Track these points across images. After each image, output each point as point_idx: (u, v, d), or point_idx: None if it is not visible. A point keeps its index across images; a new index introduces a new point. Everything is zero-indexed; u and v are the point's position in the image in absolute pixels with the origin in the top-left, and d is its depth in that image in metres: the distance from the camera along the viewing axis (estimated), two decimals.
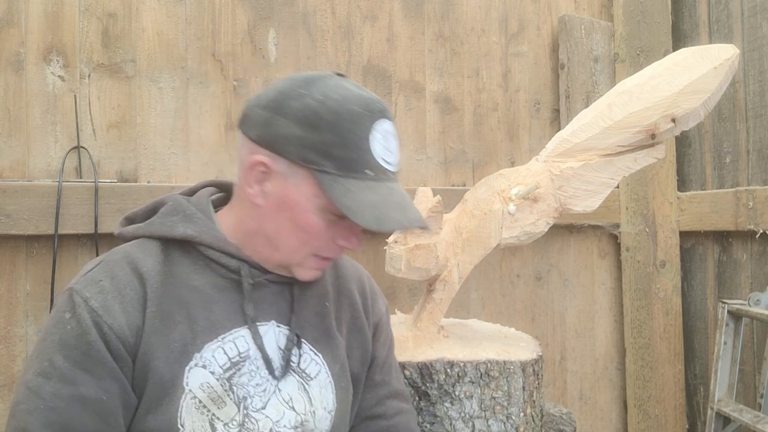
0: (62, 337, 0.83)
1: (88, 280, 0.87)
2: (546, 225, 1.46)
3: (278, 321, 0.96)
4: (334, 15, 1.88)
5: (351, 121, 0.87)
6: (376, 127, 0.88)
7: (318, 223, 0.90)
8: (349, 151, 0.86)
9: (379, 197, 0.87)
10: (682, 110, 1.38)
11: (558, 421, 1.53)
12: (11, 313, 1.49)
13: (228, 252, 0.94)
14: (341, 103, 0.87)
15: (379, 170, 0.88)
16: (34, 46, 1.53)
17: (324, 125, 0.86)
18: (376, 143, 0.88)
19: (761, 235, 1.97)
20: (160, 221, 0.96)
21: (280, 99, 0.88)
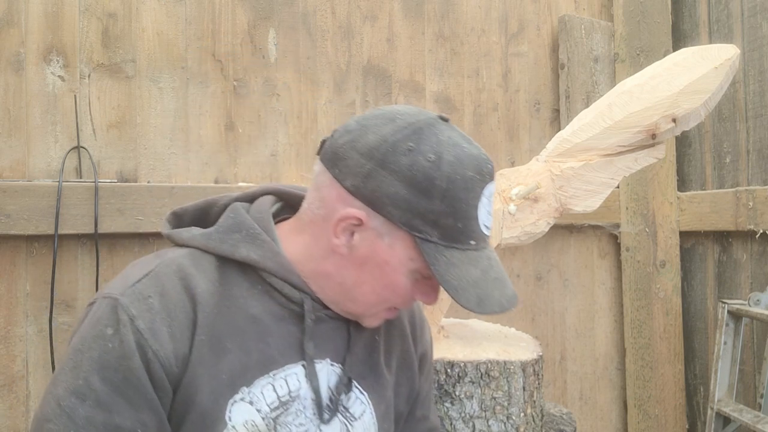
0: (102, 356, 0.76)
1: (136, 294, 0.79)
2: (546, 225, 1.46)
3: (333, 359, 0.89)
4: (334, 15, 1.88)
5: (465, 189, 0.79)
6: (485, 192, 0.82)
7: (406, 284, 0.84)
8: (458, 221, 0.79)
9: (480, 272, 0.81)
10: (682, 110, 1.38)
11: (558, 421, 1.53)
12: (11, 313, 1.49)
13: (292, 282, 0.86)
14: (455, 168, 0.79)
15: (481, 239, 0.83)
16: (34, 46, 1.53)
17: (436, 192, 0.77)
18: (482, 210, 0.81)
19: (761, 235, 1.97)
20: (220, 237, 0.86)
21: (385, 150, 0.79)
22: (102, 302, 0.80)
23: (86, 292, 1.55)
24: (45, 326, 1.50)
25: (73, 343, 0.79)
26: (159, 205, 1.56)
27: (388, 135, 0.79)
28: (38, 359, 1.51)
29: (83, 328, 0.79)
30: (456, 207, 0.79)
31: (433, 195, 0.78)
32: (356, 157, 0.80)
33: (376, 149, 0.79)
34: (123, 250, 1.59)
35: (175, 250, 0.87)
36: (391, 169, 0.78)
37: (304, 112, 1.83)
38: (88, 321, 0.79)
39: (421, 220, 0.78)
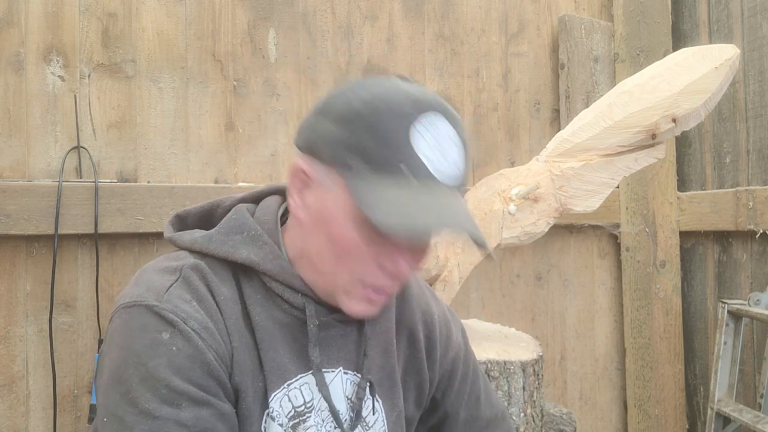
0: (171, 360, 0.73)
1: (175, 297, 0.77)
2: (546, 225, 1.46)
3: (346, 367, 0.86)
4: (334, 15, 1.88)
5: (389, 111, 0.73)
6: (422, 119, 0.73)
7: (354, 238, 0.76)
8: (383, 144, 0.73)
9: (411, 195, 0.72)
10: (682, 110, 1.38)
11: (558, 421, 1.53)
12: (11, 313, 1.49)
13: (293, 286, 0.82)
14: (382, 97, 0.74)
15: (421, 170, 0.73)
16: (34, 46, 1.53)
17: (359, 120, 0.74)
18: (419, 138, 0.73)
19: (761, 235, 1.97)
20: (221, 239, 0.83)
21: (327, 100, 0.79)
22: (134, 311, 0.76)
23: (86, 292, 1.55)
24: (45, 326, 1.50)
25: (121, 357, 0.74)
26: (159, 205, 1.56)
27: (338, 90, 0.80)
28: (38, 359, 1.51)
29: (124, 340, 0.75)
30: (379, 129, 0.73)
31: (356, 122, 0.74)
32: (308, 117, 0.81)
33: (322, 102, 0.80)
34: (123, 250, 1.59)
35: (189, 256, 0.84)
36: (327, 112, 0.77)
37: (304, 112, 1.83)
38: (126, 333, 0.75)
39: (347, 150, 0.74)
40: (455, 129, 0.76)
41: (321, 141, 0.76)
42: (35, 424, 1.50)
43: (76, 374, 1.54)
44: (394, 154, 0.73)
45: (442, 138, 0.75)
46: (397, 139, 0.73)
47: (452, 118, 0.77)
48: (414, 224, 0.71)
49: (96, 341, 1.54)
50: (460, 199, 0.78)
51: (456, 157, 0.76)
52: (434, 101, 0.76)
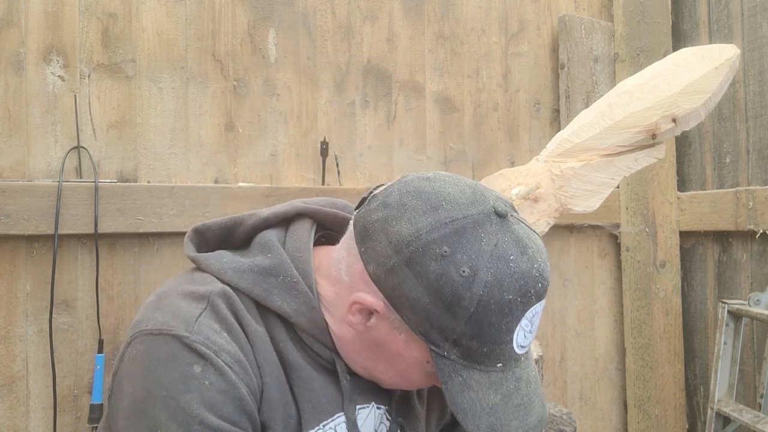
0: (203, 395, 0.70)
1: (206, 327, 0.73)
2: (546, 225, 1.46)
3: (378, 402, 0.84)
4: (334, 15, 1.88)
5: (499, 313, 0.68)
6: (527, 314, 0.70)
7: (421, 379, 0.76)
8: (484, 345, 0.69)
9: (501, 397, 0.71)
10: (682, 110, 1.38)
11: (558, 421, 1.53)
12: (11, 313, 1.49)
13: (322, 341, 0.80)
14: (492, 290, 0.67)
15: (512, 360, 0.72)
16: (34, 46, 1.53)
17: (462, 313, 0.67)
18: (520, 333, 0.70)
19: (761, 235, 1.97)
20: (254, 279, 0.79)
21: (415, 248, 0.68)
22: (163, 340, 0.73)
23: (86, 292, 1.55)
24: (45, 326, 1.50)
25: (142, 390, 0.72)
26: (159, 205, 1.56)
27: (423, 230, 0.69)
28: (38, 359, 1.51)
29: (149, 372, 0.72)
30: (484, 332, 0.68)
31: (458, 315, 0.67)
32: (384, 244, 0.70)
33: (406, 244, 0.69)
34: (123, 250, 1.59)
35: (215, 281, 0.79)
36: (417, 272, 0.68)
37: (304, 112, 1.83)
38: (152, 363, 0.72)
39: (441, 336, 0.69)
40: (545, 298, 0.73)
41: (408, 304, 0.69)
42: (35, 424, 1.50)
43: (76, 374, 1.54)
44: (495, 354, 0.70)
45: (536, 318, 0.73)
46: (502, 341, 0.70)
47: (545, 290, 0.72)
48: None
49: (96, 341, 1.54)
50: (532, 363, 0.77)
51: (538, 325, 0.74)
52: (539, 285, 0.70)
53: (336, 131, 1.87)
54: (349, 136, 1.89)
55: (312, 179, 1.82)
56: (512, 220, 0.72)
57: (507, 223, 0.71)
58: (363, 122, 1.91)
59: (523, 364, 0.75)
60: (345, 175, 1.88)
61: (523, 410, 0.73)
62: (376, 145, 1.93)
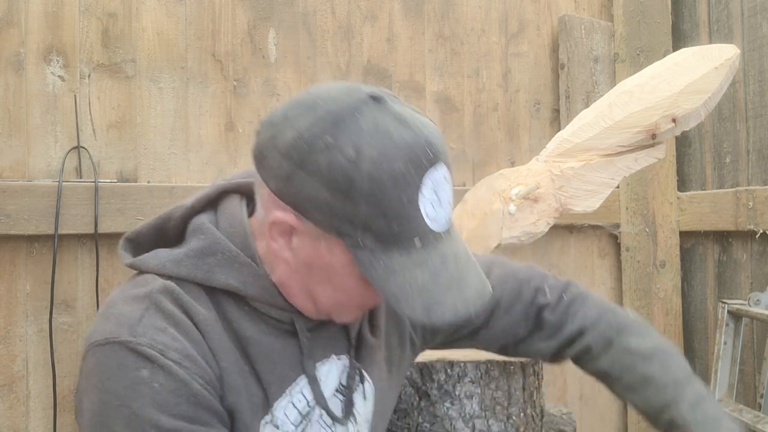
0: (155, 398, 0.70)
1: (150, 328, 0.73)
2: (546, 225, 1.46)
3: (337, 353, 0.86)
4: (334, 15, 1.88)
5: (394, 185, 0.68)
6: (425, 182, 0.70)
7: (359, 287, 0.75)
8: (392, 222, 0.69)
9: (429, 275, 0.71)
10: (682, 110, 1.38)
11: (558, 421, 1.53)
12: (11, 313, 1.49)
13: (277, 305, 0.80)
14: (379, 164, 0.67)
15: (429, 235, 0.71)
16: (34, 46, 1.53)
17: (358, 194, 0.67)
18: (425, 203, 0.70)
19: (761, 235, 1.97)
20: (193, 263, 0.78)
21: (302, 149, 0.69)
22: (110, 349, 0.72)
23: (86, 292, 1.55)
24: (45, 326, 1.50)
25: (103, 401, 0.71)
26: (159, 205, 1.55)
27: (305, 130, 0.70)
28: (38, 359, 1.51)
29: (103, 383, 0.72)
30: (386, 207, 0.68)
31: (356, 197, 0.68)
32: (277, 157, 0.71)
33: (292, 148, 0.70)
34: None
35: (157, 279, 0.78)
36: (310, 170, 0.69)
37: None
38: (103, 374, 0.72)
39: (350, 225, 0.69)
40: (447, 165, 0.73)
41: (312, 205, 0.70)
42: (35, 424, 1.50)
43: (76, 374, 1.54)
44: (406, 230, 0.70)
45: (441, 187, 0.72)
46: (408, 214, 0.69)
47: (444, 156, 0.73)
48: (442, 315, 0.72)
49: None
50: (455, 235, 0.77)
51: (449, 196, 0.74)
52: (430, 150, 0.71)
53: None
54: None
55: None
56: (390, 101, 0.73)
57: (384, 103, 0.72)
58: None
59: (445, 241, 0.74)
60: None
61: (456, 285, 0.73)
62: None
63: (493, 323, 1.00)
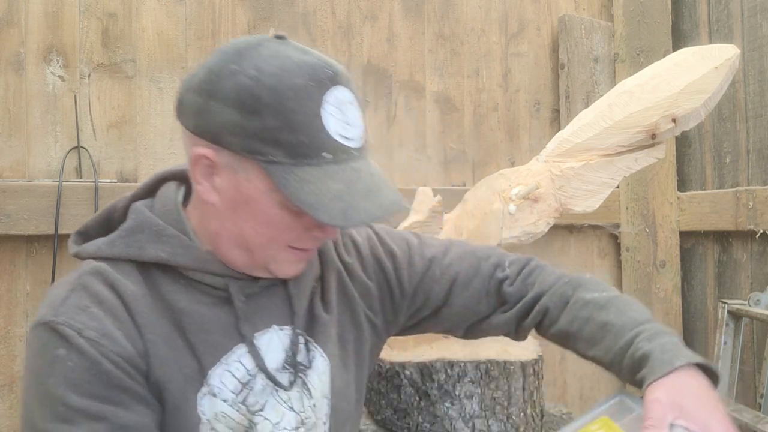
0: (67, 376, 0.72)
1: (72, 307, 0.75)
2: (546, 225, 1.46)
3: (278, 323, 0.87)
4: (334, 15, 1.88)
5: (295, 98, 0.73)
6: (327, 98, 0.75)
7: (283, 216, 0.78)
8: (298, 134, 0.73)
9: (343, 185, 0.75)
10: (682, 110, 1.38)
11: (558, 421, 1.53)
12: (11, 313, 1.49)
13: (211, 271, 0.82)
14: (280, 78, 0.73)
15: (339, 150, 0.75)
16: (34, 46, 1.53)
17: (266, 109, 0.73)
18: (329, 118, 0.75)
19: (761, 235, 1.97)
20: (124, 242, 0.82)
21: (211, 80, 0.75)
22: (36, 330, 0.75)
23: None
24: None
25: (27, 380, 0.75)
26: None
27: (213, 65, 0.76)
28: None
29: (30, 362, 0.76)
30: (291, 120, 0.73)
31: (263, 111, 0.72)
32: (191, 96, 0.77)
33: (204, 82, 0.76)
34: None
35: (91, 262, 0.81)
36: (220, 98, 0.74)
37: None
38: (32, 354, 0.76)
39: (260, 142, 0.73)
40: (350, 90, 0.78)
41: (224, 130, 0.74)
42: None
43: None
44: (314, 142, 0.74)
45: (345, 107, 0.77)
46: (313, 127, 0.74)
47: (346, 81, 0.78)
48: (358, 218, 0.74)
49: None
50: (371, 160, 0.81)
51: (357, 117, 0.78)
52: (329, 70, 0.77)
53: None
54: None
55: None
56: (293, 42, 0.80)
57: (287, 40, 0.80)
58: None
59: (359, 159, 0.78)
60: None
61: (374, 195, 0.76)
62: (376, 145, 1.93)
63: (452, 300, 1.00)
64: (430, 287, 1.00)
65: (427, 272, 1.00)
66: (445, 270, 1.01)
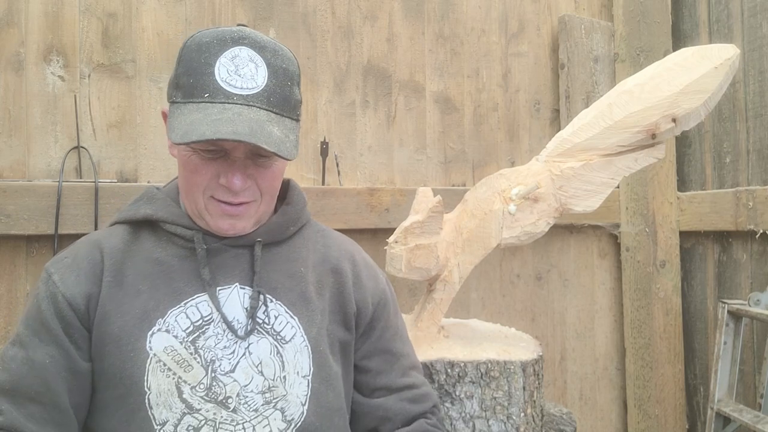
0: (29, 310, 0.93)
1: (57, 259, 0.97)
2: (546, 225, 1.46)
3: (242, 283, 0.98)
4: (334, 15, 1.88)
5: (198, 50, 0.90)
6: (225, 53, 0.90)
7: (194, 159, 0.92)
8: (191, 77, 0.90)
9: (203, 115, 0.87)
10: (682, 110, 1.38)
11: (558, 421, 1.53)
12: (11, 313, 1.49)
13: (182, 224, 0.98)
14: (196, 39, 0.92)
15: (220, 92, 0.89)
16: (34, 46, 1.53)
17: (180, 61, 0.92)
18: (221, 68, 0.89)
19: (761, 235, 1.97)
20: (128, 207, 1.04)
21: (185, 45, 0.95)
22: None
23: None
24: None
25: None
26: None
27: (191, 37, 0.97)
28: None
29: None
30: (189, 66, 0.90)
31: (178, 63, 0.93)
32: (173, 72, 0.95)
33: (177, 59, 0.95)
34: None
35: None
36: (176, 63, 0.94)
37: (304, 112, 1.82)
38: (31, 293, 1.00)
39: (173, 88, 0.93)
40: (258, 53, 0.92)
41: (168, 87, 0.96)
42: None
43: None
44: (200, 85, 0.89)
45: (241, 62, 0.90)
46: (204, 72, 0.89)
47: (257, 46, 0.92)
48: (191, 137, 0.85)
49: None
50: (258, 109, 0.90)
51: (251, 71, 0.91)
52: (237, 34, 0.91)
53: (336, 131, 1.87)
54: (349, 136, 1.89)
55: (312, 179, 1.83)
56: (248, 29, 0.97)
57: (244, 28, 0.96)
58: (363, 122, 1.91)
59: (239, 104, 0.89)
60: (345, 175, 1.88)
61: (221, 124, 0.86)
62: (376, 145, 1.93)
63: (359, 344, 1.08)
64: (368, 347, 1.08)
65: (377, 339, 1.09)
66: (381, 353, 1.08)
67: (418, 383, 1.09)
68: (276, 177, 0.98)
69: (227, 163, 0.92)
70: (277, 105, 0.92)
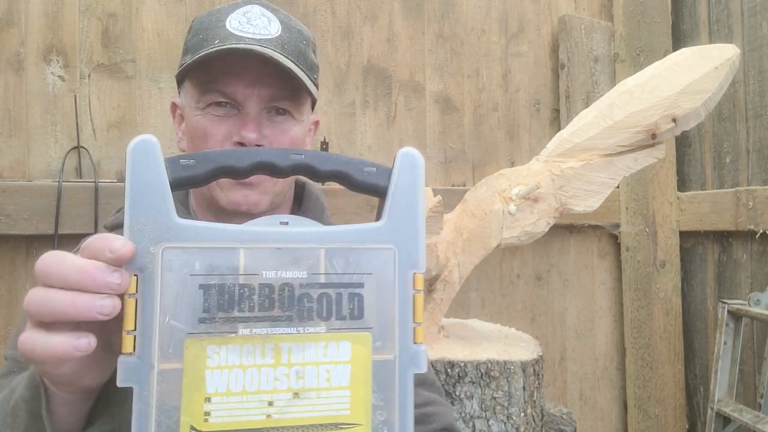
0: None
1: None
2: (546, 225, 1.46)
3: None
4: (334, 15, 1.88)
5: (208, 14, 0.88)
6: (237, 10, 0.87)
7: (203, 121, 0.86)
8: (200, 35, 0.85)
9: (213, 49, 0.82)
10: (682, 110, 1.38)
11: (558, 421, 1.53)
12: (11, 313, 1.49)
13: None
14: (210, 10, 0.89)
15: (230, 37, 0.83)
16: (34, 46, 1.53)
17: (190, 31, 0.89)
18: (231, 21, 0.85)
19: (761, 235, 1.97)
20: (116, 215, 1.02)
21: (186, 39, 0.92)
22: None
23: None
24: None
25: None
26: None
27: None
28: None
29: None
30: (198, 29, 0.86)
31: (188, 34, 0.89)
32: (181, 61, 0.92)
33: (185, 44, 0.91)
34: None
35: None
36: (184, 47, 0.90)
37: None
38: None
39: (183, 56, 0.88)
40: (271, 12, 0.88)
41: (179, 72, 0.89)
42: None
43: None
44: (210, 36, 0.84)
45: (254, 15, 0.87)
46: (215, 28, 0.85)
47: (270, 7, 0.89)
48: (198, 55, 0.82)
49: None
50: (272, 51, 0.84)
51: (263, 23, 0.86)
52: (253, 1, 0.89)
53: (336, 131, 1.87)
54: (349, 136, 1.89)
55: None
56: None
57: None
58: (363, 122, 1.91)
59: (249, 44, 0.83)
60: None
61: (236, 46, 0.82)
62: (376, 145, 1.93)
63: None
64: None
65: None
66: None
67: (426, 401, 0.98)
68: (293, 144, 0.90)
69: (240, 117, 0.85)
70: (292, 54, 0.86)
